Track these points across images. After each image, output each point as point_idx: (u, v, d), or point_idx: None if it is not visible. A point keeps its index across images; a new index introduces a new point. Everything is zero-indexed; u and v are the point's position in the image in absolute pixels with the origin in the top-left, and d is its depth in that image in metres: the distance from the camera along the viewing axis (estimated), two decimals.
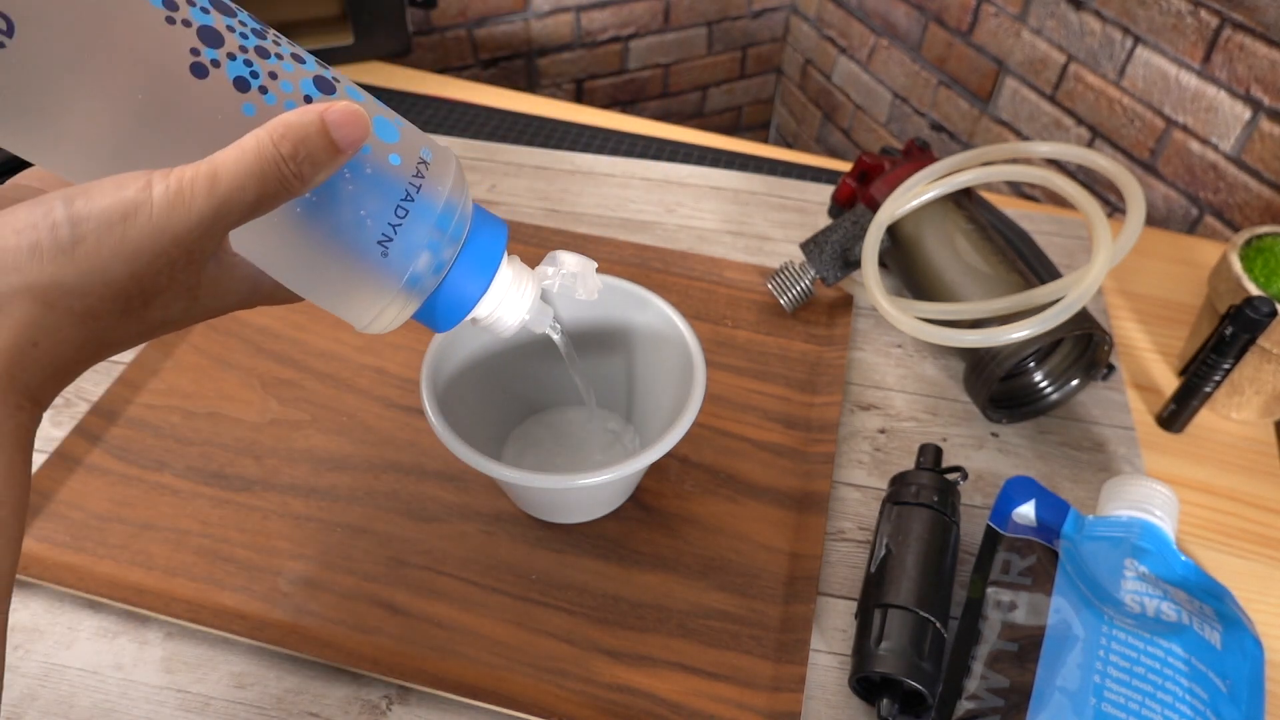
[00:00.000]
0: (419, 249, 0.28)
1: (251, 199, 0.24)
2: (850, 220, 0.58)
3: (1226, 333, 0.49)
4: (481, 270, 0.30)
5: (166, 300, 0.25)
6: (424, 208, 0.27)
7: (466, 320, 0.32)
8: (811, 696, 0.42)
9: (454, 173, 0.29)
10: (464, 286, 0.30)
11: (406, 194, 0.27)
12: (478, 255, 0.30)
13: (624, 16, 1.41)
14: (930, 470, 0.47)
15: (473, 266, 0.30)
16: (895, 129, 1.40)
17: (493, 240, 0.31)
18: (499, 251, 0.31)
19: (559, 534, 0.47)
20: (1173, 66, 0.93)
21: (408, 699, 0.41)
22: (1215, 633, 0.41)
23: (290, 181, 0.24)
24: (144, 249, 0.23)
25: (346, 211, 0.26)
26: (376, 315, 0.29)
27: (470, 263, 0.30)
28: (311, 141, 0.24)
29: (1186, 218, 0.97)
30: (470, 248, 0.30)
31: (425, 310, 0.30)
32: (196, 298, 0.26)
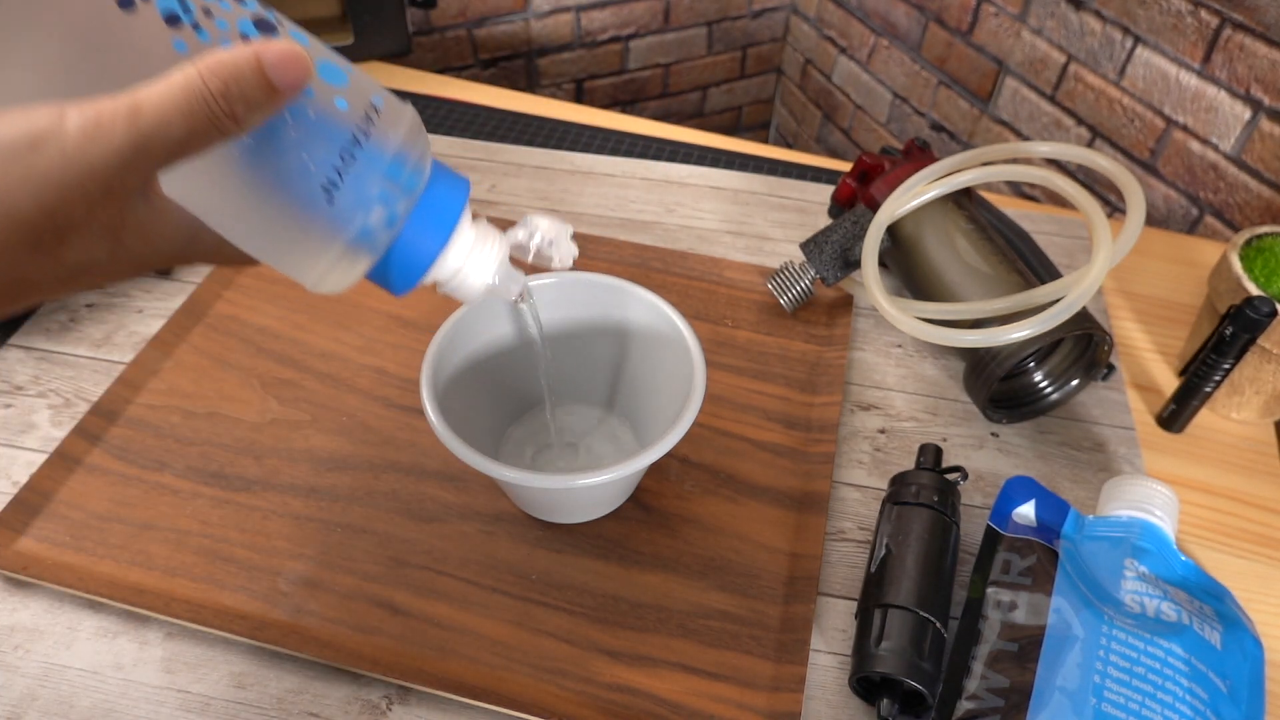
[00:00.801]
0: (368, 198, 0.26)
1: (178, 136, 0.23)
2: (850, 220, 0.58)
3: (1226, 333, 0.49)
4: (438, 226, 0.29)
5: (85, 240, 0.24)
6: (373, 154, 0.26)
7: (427, 283, 0.30)
8: (811, 696, 0.42)
9: (408, 122, 0.27)
10: (420, 243, 0.29)
11: (354, 138, 0.26)
12: (434, 210, 0.28)
13: (624, 16, 1.41)
14: (930, 470, 0.47)
15: (429, 221, 0.28)
16: (895, 129, 1.40)
17: (451, 195, 0.29)
18: (458, 207, 0.29)
19: (559, 534, 0.47)
20: (1173, 66, 0.93)
21: (408, 699, 0.41)
22: (1215, 633, 0.41)
23: (221, 121, 0.23)
24: (53, 180, 0.22)
25: (288, 156, 0.25)
26: (325, 271, 0.27)
27: (426, 217, 0.28)
28: (245, 80, 0.23)
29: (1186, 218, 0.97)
30: (426, 202, 0.28)
31: (380, 269, 0.29)
32: (121, 240, 0.24)
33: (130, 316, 0.58)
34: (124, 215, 0.24)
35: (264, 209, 0.26)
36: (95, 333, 0.57)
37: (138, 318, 0.58)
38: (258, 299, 0.59)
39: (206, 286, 0.59)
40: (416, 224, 0.28)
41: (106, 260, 0.25)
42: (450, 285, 0.31)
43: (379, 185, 0.26)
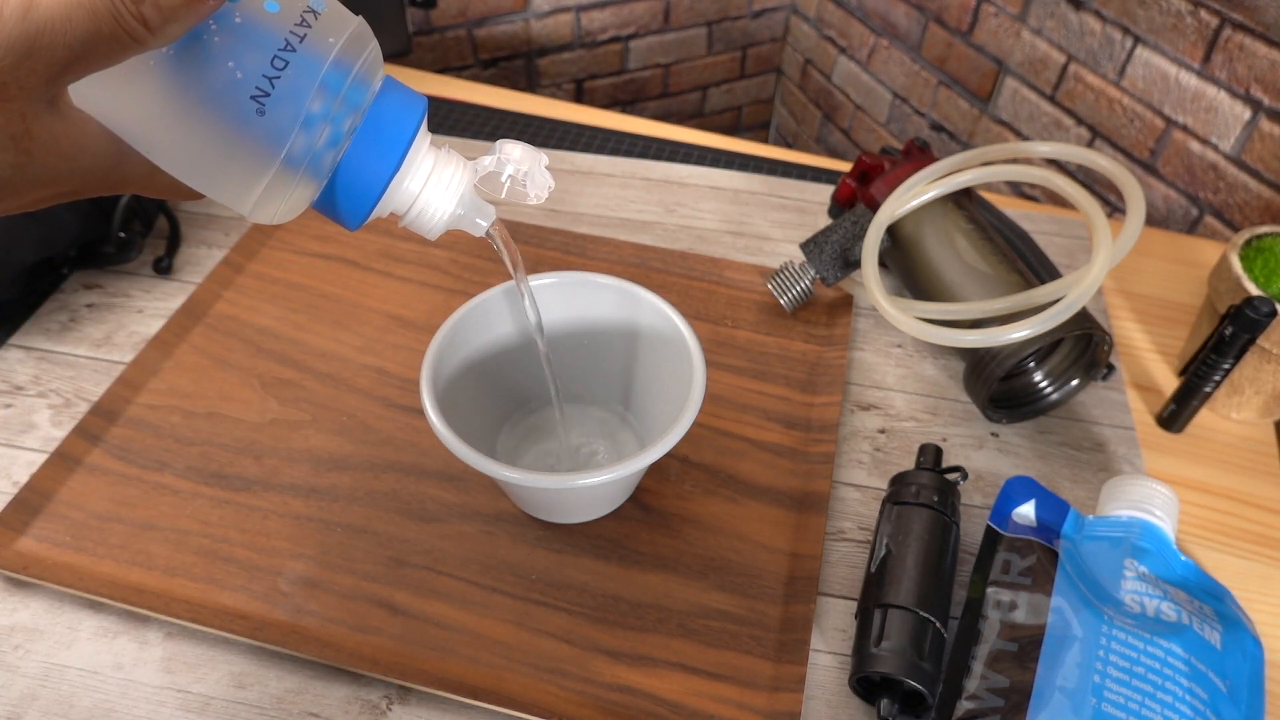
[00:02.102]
0: (304, 111, 0.24)
1: (79, 36, 0.21)
2: (850, 220, 0.58)
3: (1226, 333, 0.49)
4: (390, 145, 0.26)
5: None
6: (308, 61, 0.24)
7: (383, 213, 0.28)
8: (811, 696, 0.42)
9: (352, 29, 0.25)
10: (368, 165, 0.26)
11: (286, 44, 0.23)
12: (384, 128, 0.26)
13: (624, 16, 1.41)
14: (930, 470, 0.47)
15: (378, 141, 0.26)
16: (895, 129, 1.40)
17: (404, 112, 0.26)
18: (412, 124, 0.26)
19: (559, 534, 0.47)
20: (1173, 66, 0.93)
21: (408, 699, 0.41)
22: (1215, 633, 0.41)
23: (131, 25, 0.21)
24: None
25: (212, 63, 0.23)
26: (263, 194, 0.25)
27: (374, 136, 0.25)
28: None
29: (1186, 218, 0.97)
30: (374, 119, 0.25)
31: (327, 197, 0.26)
32: (29, 152, 0.22)
33: (130, 316, 0.58)
34: (27, 122, 0.22)
35: (189, 125, 0.23)
36: (95, 333, 0.57)
37: (138, 318, 0.58)
38: (257, 299, 0.59)
39: (206, 287, 0.59)
40: (364, 143, 0.25)
41: (15, 174, 0.23)
42: (410, 217, 0.29)
43: (316, 97, 0.24)
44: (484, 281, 0.62)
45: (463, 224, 0.30)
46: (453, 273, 0.62)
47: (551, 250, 0.64)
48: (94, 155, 0.24)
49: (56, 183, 0.24)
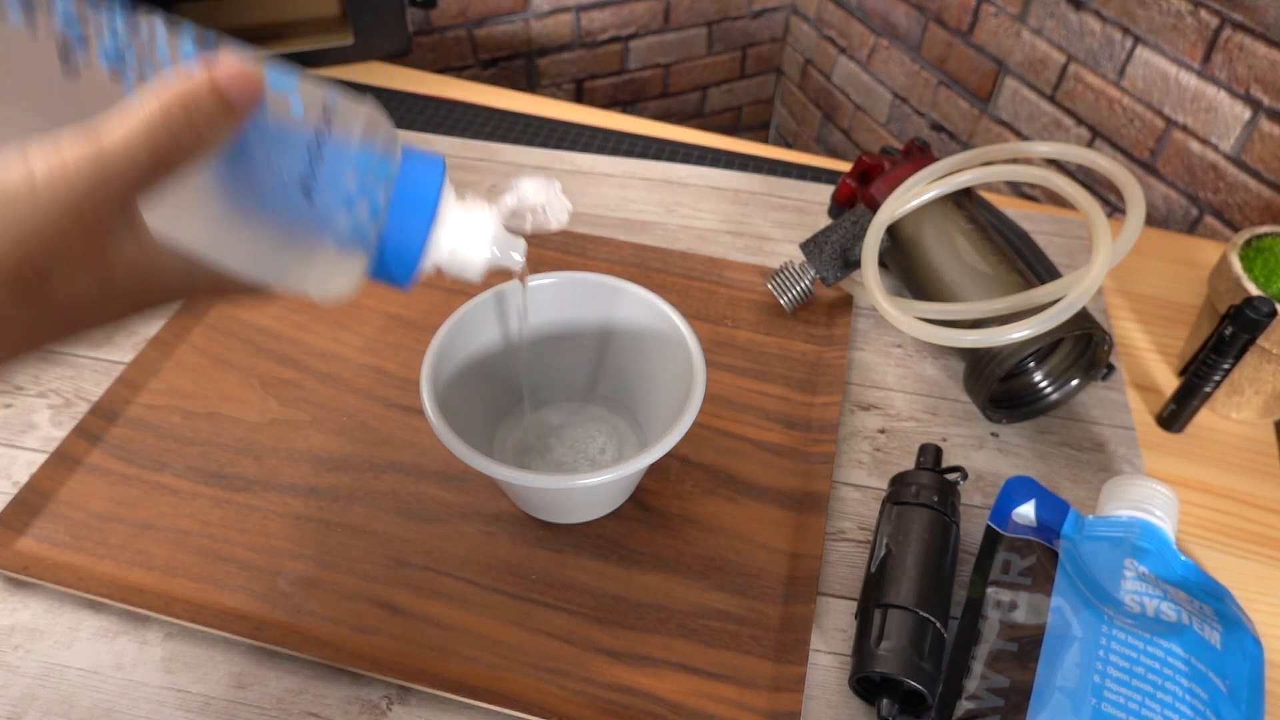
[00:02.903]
0: (346, 189, 0.26)
1: (145, 163, 0.23)
2: (850, 220, 0.58)
3: (1226, 333, 0.49)
4: (421, 206, 0.29)
5: (72, 280, 0.24)
6: (339, 147, 0.26)
7: (428, 269, 0.30)
8: (811, 696, 0.42)
9: (367, 112, 0.28)
10: (407, 227, 0.29)
11: (316, 136, 0.26)
12: (413, 191, 0.29)
13: (624, 16, 1.41)
14: (930, 470, 0.47)
15: (410, 204, 0.29)
16: (895, 129, 1.40)
17: (427, 174, 0.29)
18: (436, 184, 0.29)
19: (559, 534, 0.47)
20: (1173, 66, 0.93)
21: (408, 699, 0.41)
22: (1215, 633, 0.41)
23: (185, 141, 0.23)
24: (30, 227, 0.22)
25: (259, 168, 0.25)
26: (325, 275, 0.27)
27: (407, 201, 0.29)
28: (202, 100, 0.23)
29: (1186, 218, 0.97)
30: (403, 185, 0.28)
31: (379, 265, 0.29)
32: (111, 278, 0.25)
33: None
34: (108, 251, 0.24)
35: (250, 226, 0.26)
36: (95, 333, 0.57)
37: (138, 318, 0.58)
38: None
39: None
40: (399, 209, 0.28)
41: (99, 300, 0.25)
42: (451, 267, 0.31)
43: (353, 176, 0.26)
44: (484, 281, 0.61)
45: (501, 263, 0.33)
46: None
47: (551, 250, 0.64)
48: (169, 272, 0.26)
49: (136, 301, 0.27)
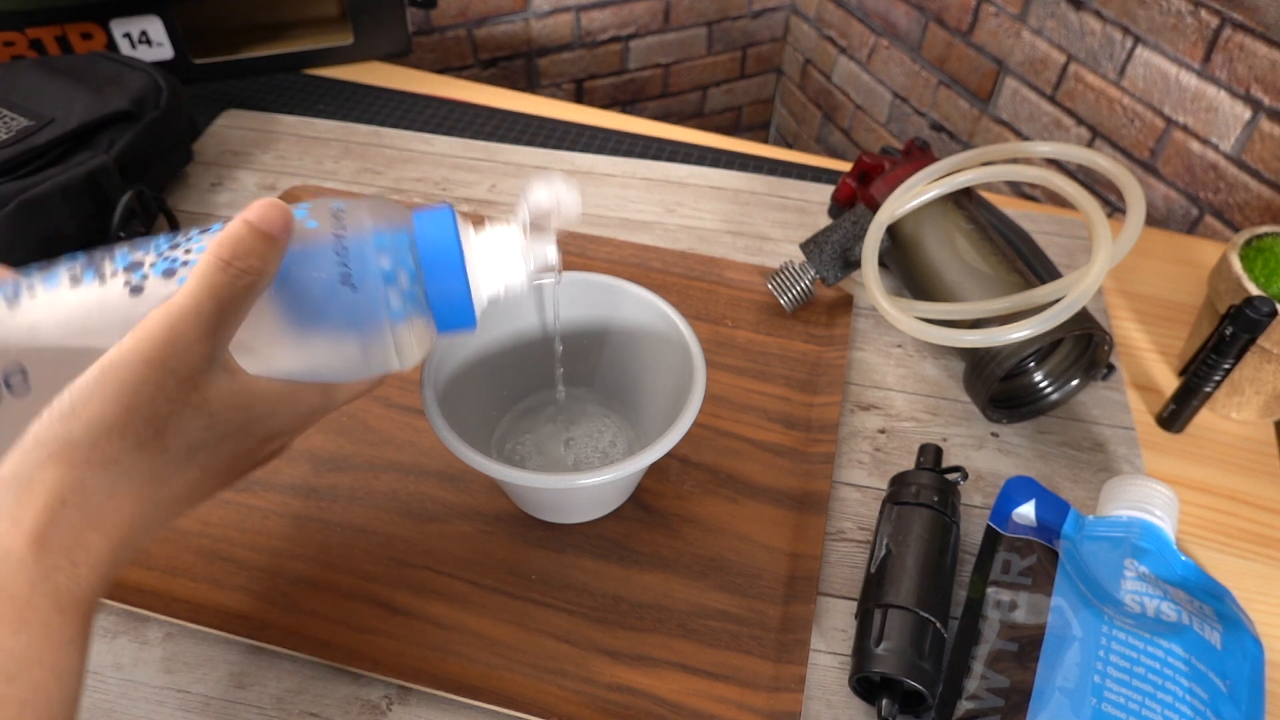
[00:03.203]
0: (379, 269, 0.30)
1: (209, 308, 0.27)
2: (850, 220, 0.58)
3: (1226, 333, 0.49)
4: (446, 255, 0.31)
5: (178, 423, 0.27)
6: (359, 237, 0.30)
7: (485, 305, 0.33)
8: (811, 696, 0.42)
9: (369, 205, 0.31)
10: (444, 277, 0.31)
11: (337, 238, 0.29)
12: (435, 248, 0.31)
13: (624, 16, 1.41)
14: (930, 470, 0.47)
15: (437, 256, 0.31)
16: (895, 129, 1.40)
17: (440, 225, 0.32)
18: (450, 231, 0.32)
19: (559, 534, 0.47)
20: (1173, 66, 0.93)
21: (408, 699, 0.41)
22: (1215, 633, 0.41)
23: (241, 277, 0.27)
24: (127, 384, 0.26)
25: (303, 285, 0.29)
26: (395, 348, 0.31)
27: (433, 255, 0.31)
28: (244, 239, 0.27)
29: (1186, 218, 0.97)
30: (424, 245, 0.31)
31: (441, 320, 0.32)
32: (214, 415, 0.28)
33: None
34: (204, 389, 0.28)
35: (323, 334, 0.30)
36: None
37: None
38: None
39: None
40: (431, 266, 0.31)
41: (214, 438, 0.29)
42: (502, 292, 0.34)
43: (381, 256, 0.30)
44: None
45: (541, 268, 0.34)
46: None
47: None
48: (271, 398, 0.30)
49: (251, 434, 0.30)
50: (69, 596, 0.25)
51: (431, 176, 0.71)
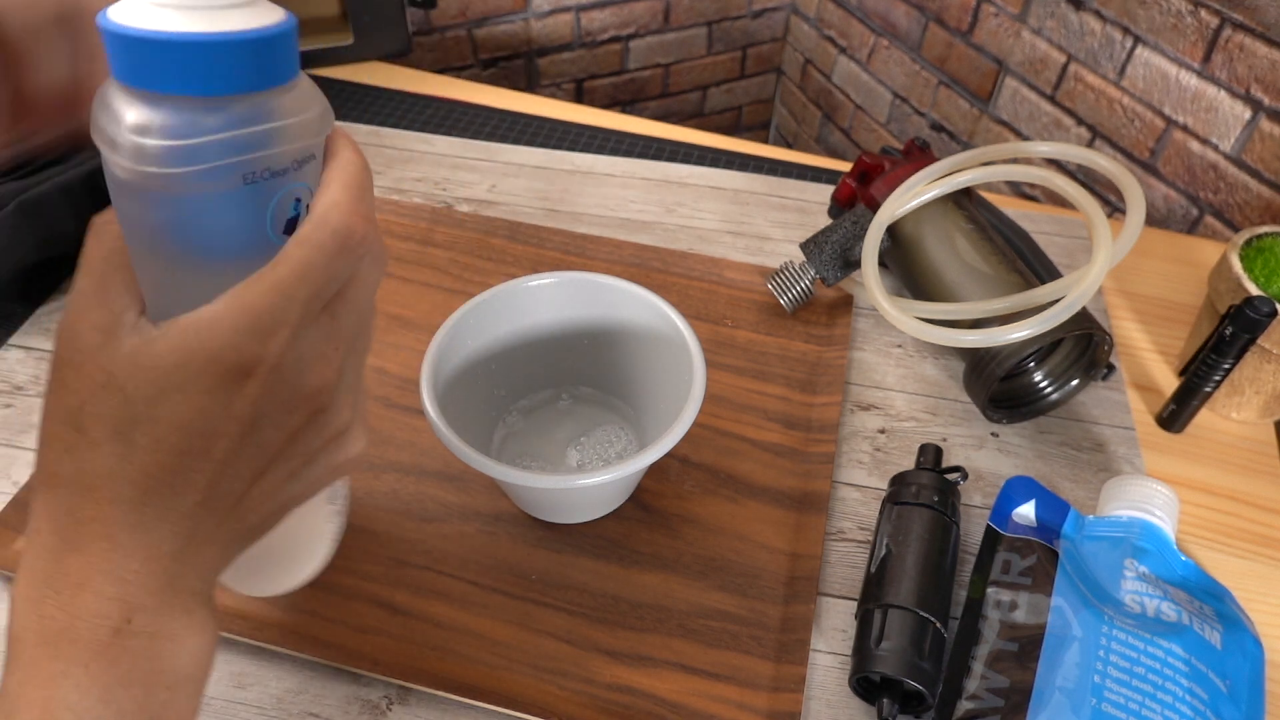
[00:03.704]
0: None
1: (87, 282, 0.24)
2: (850, 220, 0.58)
3: (1226, 333, 0.49)
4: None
5: (92, 409, 0.24)
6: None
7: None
8: (811, 696, 0.42)
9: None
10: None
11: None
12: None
13: (624, 16, 1.41)
14: (930, 470, 0.47)
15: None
16: (895, 129, 1.40)
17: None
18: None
19: (559, 534, 0.47)
20: (1173, 66, 0.93)
21: (408, 699, 0.41)
22: (1215, 633, 0.41)
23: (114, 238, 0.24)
24: (46, 392, 0.25)
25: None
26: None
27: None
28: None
29: (1186, 218, 0.97)
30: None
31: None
32: (122, 386, 0.24)
33: None
34: (108, 366, 0.24)
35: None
36: None
37: None
38: None
39: None
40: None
41: (132, 412, 0.24)
42: None
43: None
44: (484, 281, 0.61)
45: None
46: (453, 273, 0.62)
47: (551, 250, 0.64)
48: (176, 346, 0.25)
49: (184, 394, 0.25)
50: (55, 627, 0.23)
51: (431, 176, 0.71)
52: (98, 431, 0.23)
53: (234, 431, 0.24)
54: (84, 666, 0.23)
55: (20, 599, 0.24)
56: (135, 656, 0.24)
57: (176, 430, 0.23)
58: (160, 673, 0.25)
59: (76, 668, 0.23)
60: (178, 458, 0.24)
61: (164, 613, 0.24)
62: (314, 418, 0.26)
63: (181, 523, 0.24)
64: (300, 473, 0.27)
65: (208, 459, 0.24)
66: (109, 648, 0.24)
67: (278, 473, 0.26)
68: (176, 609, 0.25)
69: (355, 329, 0.26)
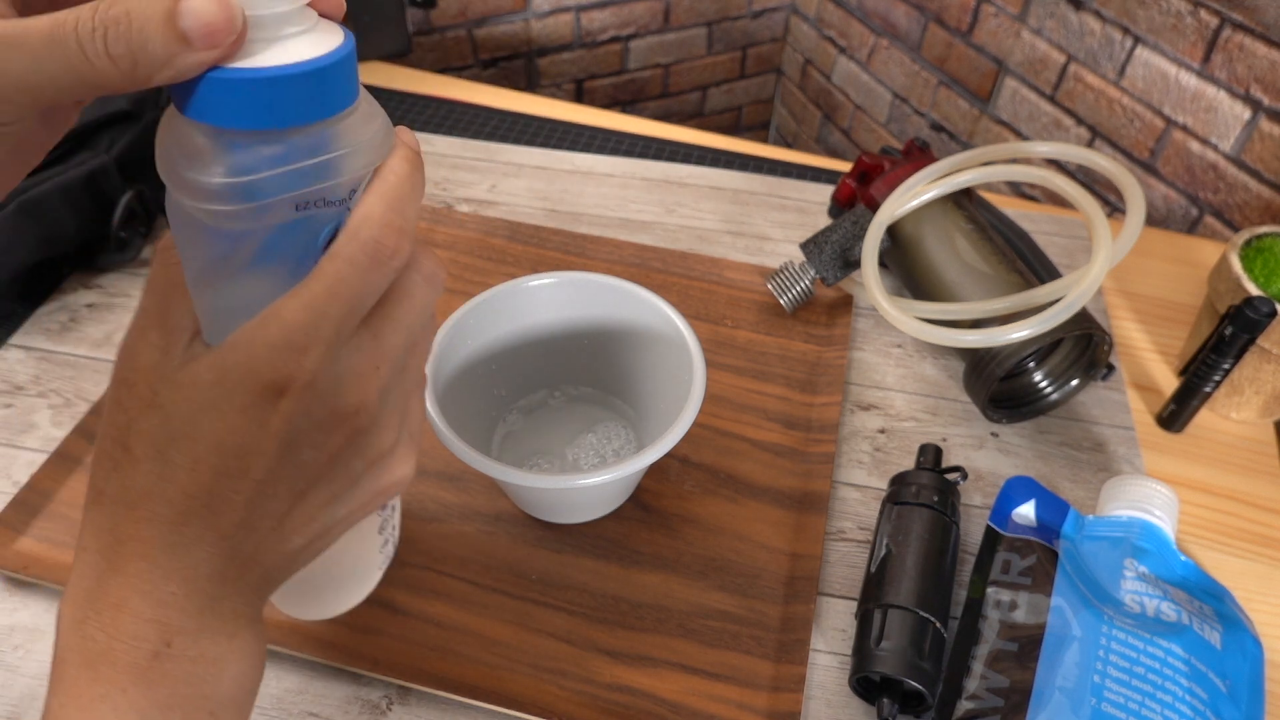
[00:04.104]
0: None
1: (151, 301, 0.25)
2: (850, 220, 0.58)
3: (1226, 333, 0.49)
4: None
5: (137, 428, 0.24)
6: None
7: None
8: (811, 696, 0.42)
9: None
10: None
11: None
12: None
13: (624, 16, 1.41)
14: (930, 470, 0.47)
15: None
16: (895, 129, 1.40)
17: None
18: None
19: (559, 534, 0.47)
20: (1173, 66, 0.93)
21: (408, 699, 0.41)
22: (1215, 633, 0.41)
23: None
24: (102, 410, 0.25)
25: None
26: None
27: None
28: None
29: (1186, 218, 0.97)
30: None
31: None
32: (162, 405, 0.23)
33: (130, 316, 0.58)
34: (155, 386, 0.24)
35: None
36: (95, 333, 0.57)
37: None
38: None
39: None
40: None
41: (170, 431, 0.23)
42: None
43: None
44: (484, 281, 0.62)
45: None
46: (453, 273, 0.62)
47: (551, 250, 0.64)
48: (212, 365, 0.23)
49: (218, 413, 0.24)
50: (96, 649, 0.23)
51: (431, 176, 0.71)
52: (140, 449, 0.23)
53: (271, 450, 0.23)
54: (122, 690, 0.23)
55: (65, 618, 0.24)
56: (175, 681, 0.24)
57: (213, 449, 0.23)
58: (203, 697, 0.24)
59: (115, 691, 0.23)
60: (215, 477, 0.23)
61: (205, 636, 0.24)
62: (354, 438, 0.25)
63: (221, 544, 0.24)
64: (343, 495, 0.26)
65: (245, 478, 0.24)
66: (148, 671, 0.23)
67: (320, 495, 0.25)
68: (218, 632, 0.24)
69: (401, 348, 0.25)
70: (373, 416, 0.25)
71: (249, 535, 0.24)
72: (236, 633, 0.25)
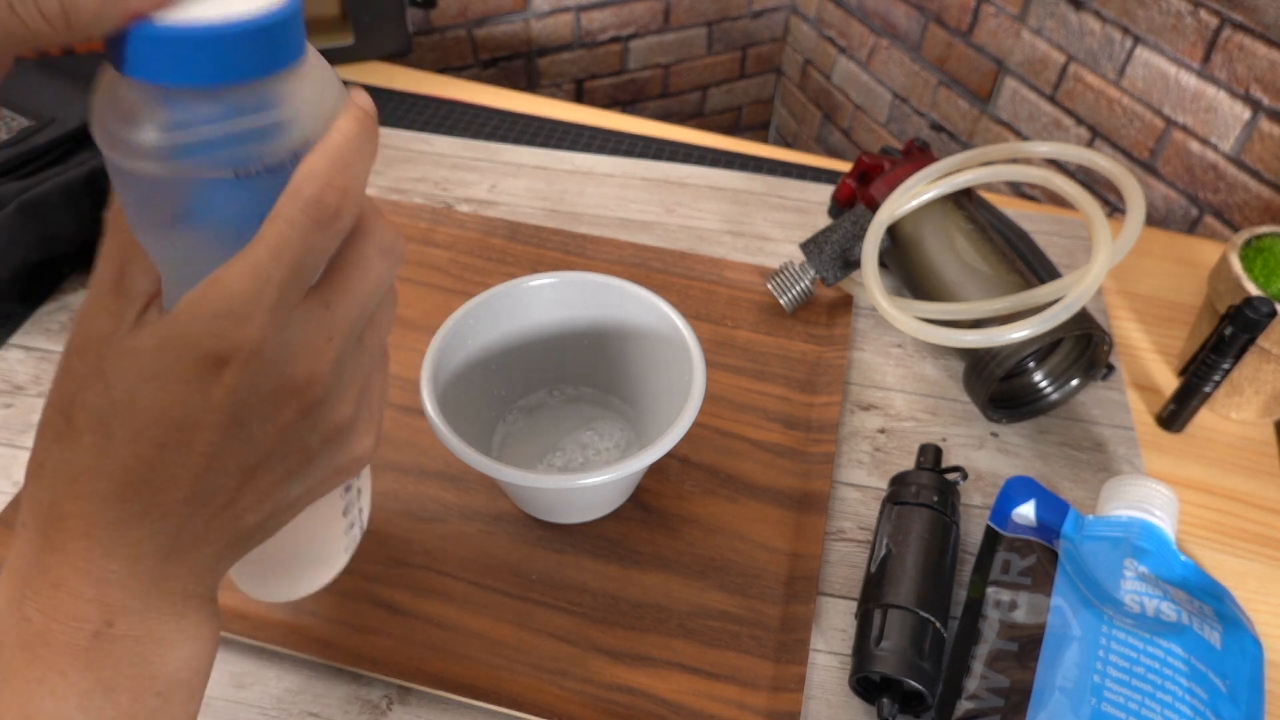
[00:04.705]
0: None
1: (106, 269, 0.23)
2: (850, 220, 0.58)
3: (1226, 333, 0.49)
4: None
5: (81, 399, 0.23)
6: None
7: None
8: (811, 696, 0.42)
9: None
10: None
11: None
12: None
13: (624, 16, 1.41)
14: (930, 470, 0.47)
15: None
16: (895, 129, 1.40)
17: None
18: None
19: (559, 534, 0.47)
20: (1172, 66, 0.93)
21: (408, 699, 0.41)
22: (1215, 633, 0.41)
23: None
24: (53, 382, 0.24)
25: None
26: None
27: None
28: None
29: (1186, 218, 0.97)
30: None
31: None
32: (106, 374, 0.23)
33: None
34: (105, 356, 0.23)
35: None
36: None
37: None
38: None
39: None
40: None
41: (110, 400, 0.23)
42: None
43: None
44: (484, 281, 0.62)
45: None
46: (453, 273, 0.62)
47: (552, 250, 0.64)
48: (152, 333, 0.23)
49: (161, 383, 0.23)
50: (33, 630, 0.22)
51: (431, 176, 0.71)
52: (82, 420, 0.22)
53: (215, 423, 0.22)
54: (61, 673, 0.22)
55: (3, 599, 0.23)
56: (118, 662, 0.23)
57: (155, 421, 0.22)
58: (148, 678, 0.24)
59: (53, 674, 0.22)
60: (157, 450, 0.22)
61: (151, 615, 0.23)
62: (307, 412, 0.24)
63: (165, 520, 0.23)
64: (299, 472, 0.25)
65: (190, 452, 0.22)
66: (89, 652, 0.23)
67: (273, 471, 0.24)
68: (165, 612, 0.24)
69: (356, 319, 0.24)
70: (326, 389, 0.24)
71: (197, 512, 0.24)
72: (185, 612, 0.24)
